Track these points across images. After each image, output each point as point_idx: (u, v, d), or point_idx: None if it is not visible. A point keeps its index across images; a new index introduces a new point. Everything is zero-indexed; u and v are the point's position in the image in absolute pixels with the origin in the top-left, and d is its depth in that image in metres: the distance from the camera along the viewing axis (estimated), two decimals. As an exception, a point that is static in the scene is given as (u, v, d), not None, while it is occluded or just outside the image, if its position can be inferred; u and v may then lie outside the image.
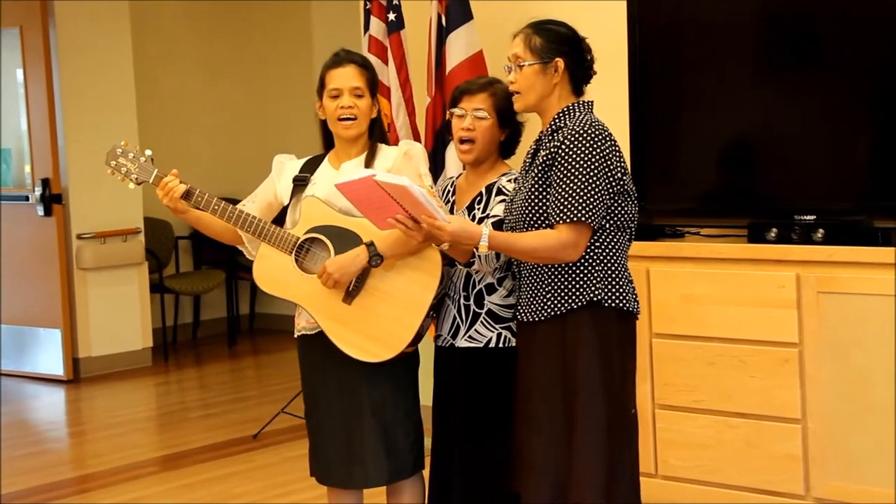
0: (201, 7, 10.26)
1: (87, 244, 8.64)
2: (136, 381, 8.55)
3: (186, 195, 3.83)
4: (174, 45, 10.13)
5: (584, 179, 3.41)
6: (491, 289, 3.78)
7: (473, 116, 3.80)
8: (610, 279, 3.52)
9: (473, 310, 3.79)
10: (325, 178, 3.85)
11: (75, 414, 7.79)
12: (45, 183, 8.54)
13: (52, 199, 8.54)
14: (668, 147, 5.12)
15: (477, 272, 3.78)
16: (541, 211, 3.50)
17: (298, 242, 3.80)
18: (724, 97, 4.96)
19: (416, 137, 5.80)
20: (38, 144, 8.63)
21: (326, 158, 3.98)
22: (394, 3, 5.89)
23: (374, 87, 3.92)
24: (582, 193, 3.41)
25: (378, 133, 3.96)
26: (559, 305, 3.51)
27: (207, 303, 10.23)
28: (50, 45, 8.50)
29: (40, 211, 8.57)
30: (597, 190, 3.42)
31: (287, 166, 4.03)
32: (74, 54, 8.57)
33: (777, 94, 4.83)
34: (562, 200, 3.42)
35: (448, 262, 3.77)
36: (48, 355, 8.62)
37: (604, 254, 3.52)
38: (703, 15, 5.02)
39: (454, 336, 3.83)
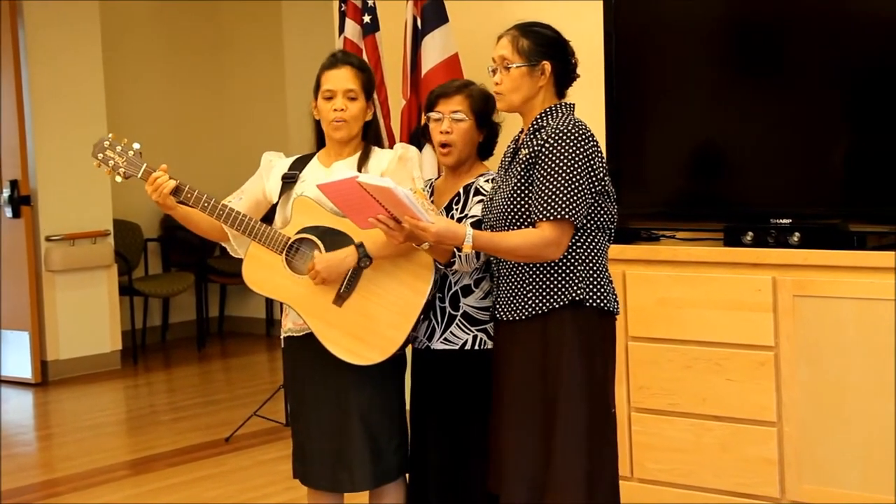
0: (172, 9, 10.22)
1: (55, 246, 8.59)
2: (105, 384, 8.50)
3: (175, 191, 3.79)
4: (144, 46, 10.09)
5: (567, 178, 3.42)
6: (467, 291, 3.78)
7: (451, 119, 3.80)
8: (592, 278, 3.52)
9: (449, 312, 3.79)
10: (315, 177, 3.82)
11: (44, 417, 7.73)
12: (14, 185, 8.48)
13: (21, 201, 8.49)
14: (645, 150, 5.13)
15: (455, 273, 3.76)
16: (523, 210, 3.50)
17: (289, 243, 3.78)
18: (700, 101, 4.97)
19: (392, 140, 5.78)
20: (6, 146, 8.56)
21: (316, 157, 3.96)
22: (369, 5, 5.89)
23: (370, 89, 3.90)
24: (565, 192, 3.41)
25: (373, 135, 3.94)
26: (540, 304, 3.51)
27: (176, 305, 10.19)
28: (19, 46, 8.45)
29: (8, 213, 8.51)
30: (579, 189, 3.43)
31: (276, 164, 4.00)
32: (44, 56, 8.52)
33: (753, 98, 4.85)
34: (545, 199, 3.42)
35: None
36: (16, 358, 8.56)
37: (585, 253, 3.52)
38: (679, 20, 5.03)
39: (430, 338, 3.82)
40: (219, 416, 7.27)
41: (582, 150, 3.45)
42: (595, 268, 3.55)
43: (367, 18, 5.88)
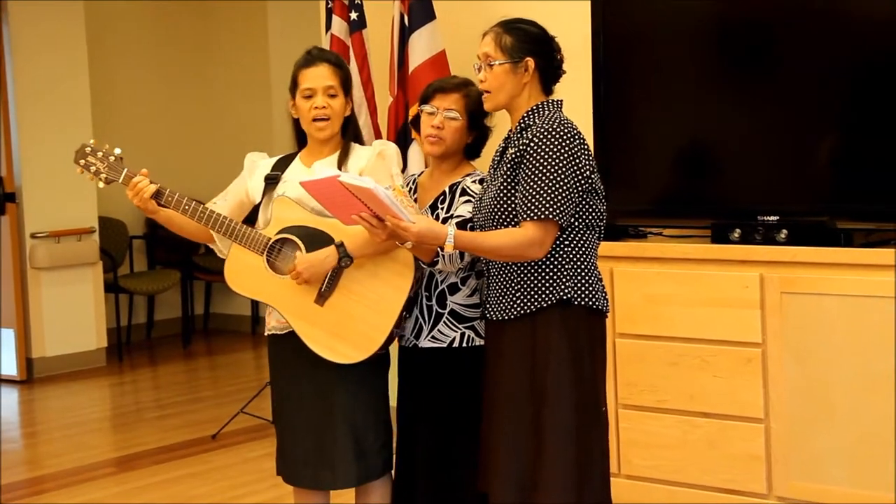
0: (157, 8, 10.20)
1: (40, 243, 8.57)
2: (91, 381, 8.48)
3: (157, 195, 3.78)
4: (129, 45, 10.07)
5: (552, 177, 3.41)
6: (454, 289, 3.77)
7: (444, 116, 3.78)
8: (579, 277, 3.51)
9: (436, 310, 3.78)
10: (297, 177, 3.81)
11: (29, 415, 7.70)
12: (-1, 181, 8.47)
13: (6, 198, 8.46)
14: (632, 148, 5.13)
15: (440, 272, 3.76)
16: (509, 208, 3.49)
17: (270, 243, 3.77)
18: (688, 99, 4.98)
19: (378, 136, 5.78)
20: (-9, 143, 8.55)
21: (298, 157, 3.95)
22: (356, 1, 5.88)
23: (348, 85, 3.88)
24: (550, 191, 3.40)
25: (352, 132, 3.93)
26: (528, 304, 3.51)
27: (162, 303, 10.17)
28: (3, 43, 8.42)
29: (-7, 210, 8.49)
30: (565, 187, 3.42)
31: (259, 165, 3.99)
32: (29, 53, 8.49)
33: (740, 96, 4.86)
34: (529, 197, 3.42)
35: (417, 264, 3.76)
36: (1, 355, 8.52)
37: (573, 252, 3.51)
38: (666, 19, 5.03)
39: (417, 336, 3.81)
40: (205, 414, 7.26)
41: (567, 149, 3.44)
42: (583, 266, 3.53)
43: (354, 15, 5.88)
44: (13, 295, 8.46)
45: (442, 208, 3.79)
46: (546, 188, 3.40)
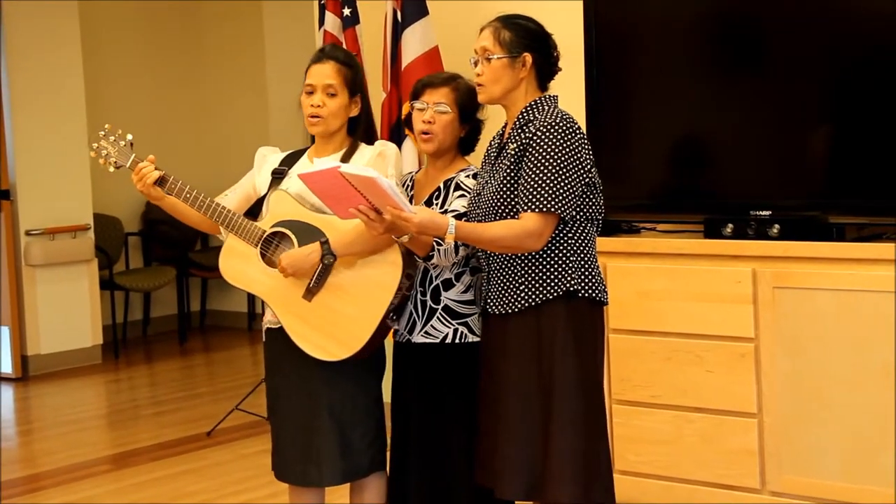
0: (152, 7, 10.19)
1: (35, 240, 8.56)
2: (86, 378, 8.47)
3: (160, 181, 3.81)
4: (125, 43, 10.06)
5: (553, 171, 3.43)
6: (448, 284, 3.77)
7: (434, 110, 3.79)
8: (583, 269, 3.54)
9: (430, 305, 3.78)
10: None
11: (24, 412, 7.71)
12: (-7, 179, 8.46)
13: (1, 196, 8.44)
14: (625, 143, 5.13)
15: (435, 267, 3.76)
16: (512, 203, 3.51)
17: (264, 236, 3.78)
18: (679, 95, 4.98)
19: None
20: (-15, 140, 8.54)
21: (306, 153, 3.96)
22: (349, -3, 5.88)
23: (354, 84, 3.86)
24: (552, 184, 3.42)
25: (363, 132, 3.92)
26: (533, 296, 3.52)
27: (158, 300, 10.16)
28: (-2, 42, 8.43)
29: (-12, 207, 8.48)
30: (567, 181, 3.43)
31: (269, 159, 4.01)
32: (23, 52, 8.50)
33: (733, 91, 4.86)
34: (531, 190, 3.43)
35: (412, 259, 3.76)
36: (-4, 353, 8.54)
37: (577, 244, 3.54)
38: (659, 15, 5.03)
39: (410, 331, 3.81)
40: (200, 411, 7.26)
41: (569, 143, 3.46)
42: (586, 258, 3.56)
43: (347, 11, 5.88)
44: (8, 292, 8.45)
45: (436, 204, 3.80)
46: (548, 181, 3.42)
